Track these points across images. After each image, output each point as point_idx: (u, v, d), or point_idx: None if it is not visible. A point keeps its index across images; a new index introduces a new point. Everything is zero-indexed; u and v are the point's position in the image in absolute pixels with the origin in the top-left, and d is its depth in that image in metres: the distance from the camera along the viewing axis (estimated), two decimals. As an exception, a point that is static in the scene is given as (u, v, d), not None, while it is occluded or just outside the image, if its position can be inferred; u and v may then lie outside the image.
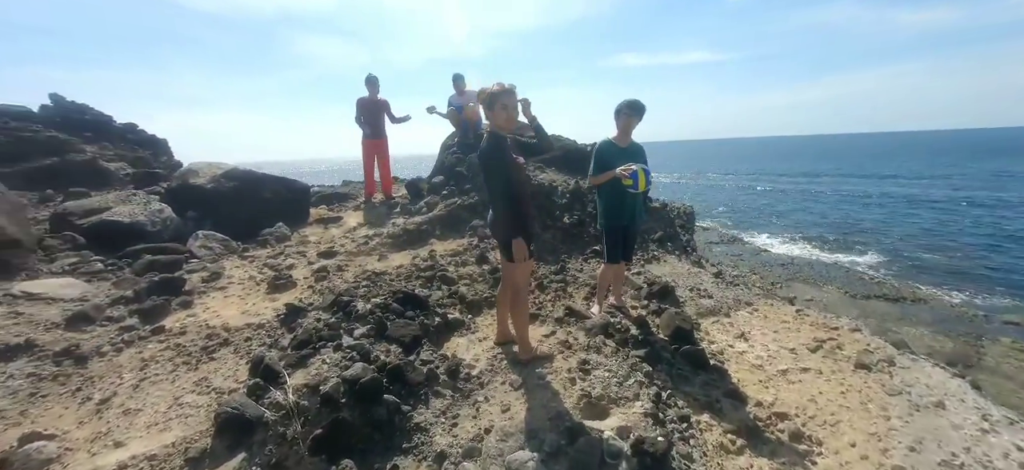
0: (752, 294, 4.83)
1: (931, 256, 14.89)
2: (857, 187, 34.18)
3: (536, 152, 6.19)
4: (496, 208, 2.68)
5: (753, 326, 3.96)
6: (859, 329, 3.64)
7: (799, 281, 12.22)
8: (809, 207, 25.46)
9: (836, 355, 3.34)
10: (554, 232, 5.52)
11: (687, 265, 5.49)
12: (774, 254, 15.25)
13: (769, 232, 18.99)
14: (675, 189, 35.42)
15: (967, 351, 8.16)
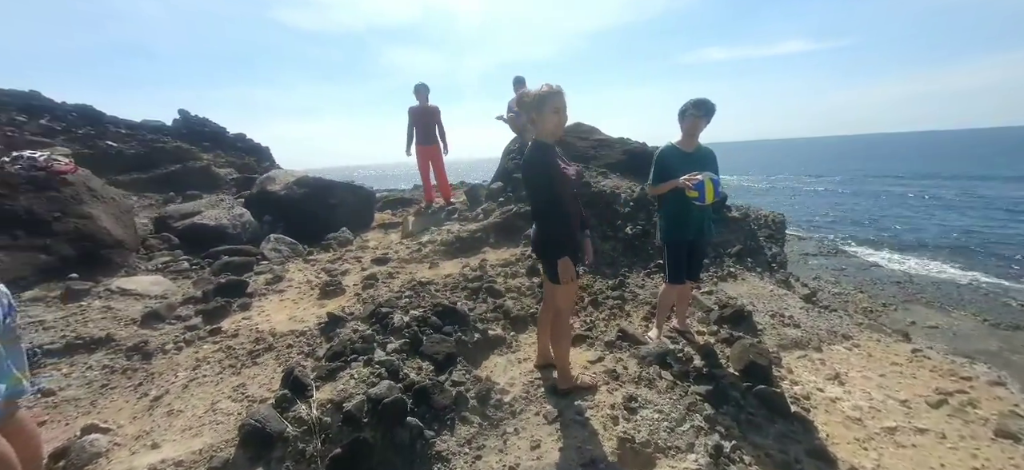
0: (853, 324, 4.05)
1: (1112, 280, 11.77)
2: (994, 190, 28.44)
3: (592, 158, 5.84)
4: (540, 223, 2.44)
5: (852, 366, 3.28)
6: (1003, 382, 2.83)
7: (919, 304, 10.32)
8: (932, 215, 21.61)
9: (967, 414, 2.62)
10: (614, 243, 5.13)
11: (771, 284, 4.78)
12: (886, 270, 13.10)
13: (880, 244, 16.40)
14: (763, 194, 32.23)
15: None
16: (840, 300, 10.53)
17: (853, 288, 11.48)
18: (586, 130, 7.09)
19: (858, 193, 30.44)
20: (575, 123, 7.30)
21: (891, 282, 11.94)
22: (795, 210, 24.69)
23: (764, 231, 7.07)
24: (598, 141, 6.80)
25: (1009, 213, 21.62)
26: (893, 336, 3.87)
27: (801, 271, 12.76)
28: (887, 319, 9.59)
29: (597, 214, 5.34)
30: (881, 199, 27.32)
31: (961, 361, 3.26)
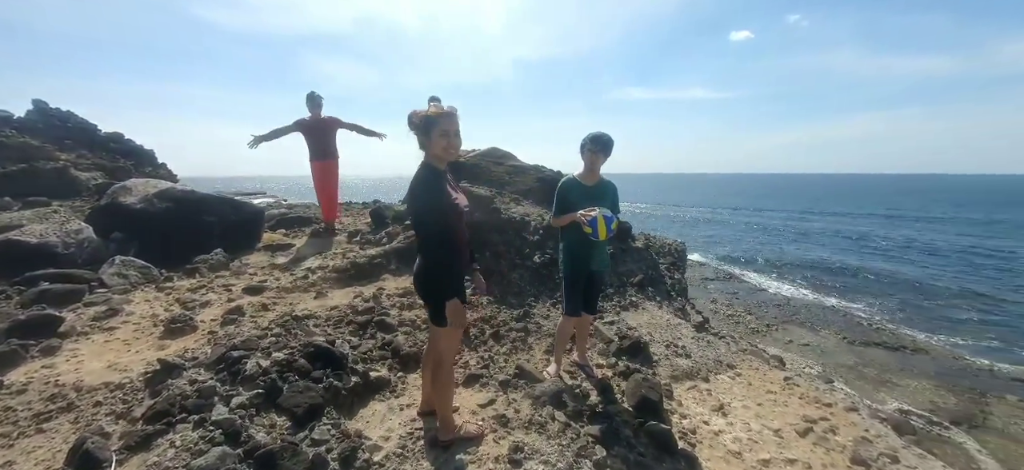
0: (738, 351, 4.27)
1: (932, 303, 14.33)
2: (857, 227, 33.88)
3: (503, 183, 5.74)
4: (426, 258, 2.15)
5: (734, 396, 3.40)
6: (856, 407, 3.08)
7: (795, 324, 11.65)
8: (808, 246, 25.03)
9: (829, 442, 2.78)
10: (522, 271, 5.00)
11: (668, 314, 4.95)
12: (770, 294, 14.71)
13: (767, 270, 18.50)
14: (674, 223, 35.11)
15: (971, 409, 7.56)
16: (732, 322, 11.52)
17: (743, 310, 12.67)
18: (501, 155, 7.01)
19: (749, 224, 34.40)
20: (490, 148, 7.21)
21: (773, 304, 13.38)
22: (697, 237, 27.13)
23: (667, 259, 7.46)
24: (513, 167, 6.74)
25: (863, 247, 25.68)
26: (770, 362, 4.14)
27: (701, 295, 13.83)
28: (771, 338, 10.64)
29: (506, 241, 5.20)
30: (768, 230, 31.09)
31: (824, 387, 3.54)
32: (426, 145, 2.11)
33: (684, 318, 5.06)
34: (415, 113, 2.11)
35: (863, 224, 35.69)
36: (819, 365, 9.06)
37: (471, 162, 6.70)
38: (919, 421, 7.05)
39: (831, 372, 8.70)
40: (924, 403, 7.67)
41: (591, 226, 2.85)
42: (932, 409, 7.48)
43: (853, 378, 8.59)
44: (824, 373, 8.46)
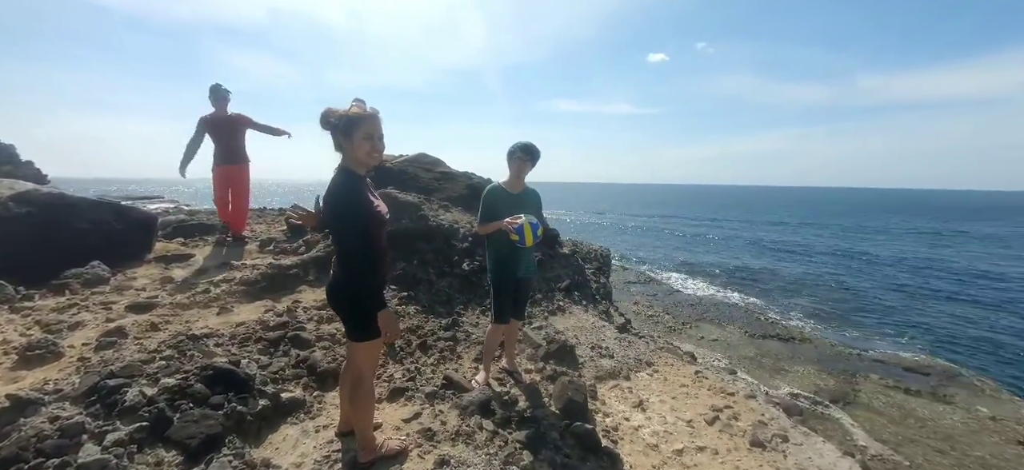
0: (656, 348, 4.56)
1: (814, 298, 16.48)
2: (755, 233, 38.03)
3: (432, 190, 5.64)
4: (346, 269, 1.99)
5: (652, 392, 3.61)
6: (754, 395, 3.43)
7: (706, 321, 12.74)
8: (716, 250, 27.63)
9: (732, 428, 3.05)
10: (451, 280, 4.93)
11: (593, 317, 5.15)
12: (685, 294, 15.97)
13: (682, 272, 20.08)
14: (601, 230, 36.87)
15: (845, 388, 8.75)
16: (652, 322, 12.30)
17: (661, 310, 13.61)
18: (430, 161, 6.89)
19: (668, 230, 37.18)
20: (418, 153, 7.05)
21: (688, 304, 14.53)
22: (622, 243, 28.77)
23: (593, 264, 7.80)
24: (442, 174, 6.65)
25: (761, 248, 28.85)
26: (683, 358, 4.46)
27: (624, 298, 14.63)
28: (685, 335, 11.51)
29: (434, 249, 5.10)
30: (683, 236, 33.82)
31: (729, 378, 3.90)
32: (346, 148, 1.98)
33: (608, 320, 5.31)
34: (332, 111, 1.97)
35: (760, 230, 40.19)
36: (726, 358, 9.98)
37: (398, 167, 6.51)
38: (806, 402, 8.03)
39: (736, 363, 9.62)
40: (809, 386, 8.75)
41: (518, 233, 2.89)
42: (816, 391, 8.56)
43: (754, 367, 9.57)
44: (730, 365, 9.33)
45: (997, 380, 9.70)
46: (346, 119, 1.94)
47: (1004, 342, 12.62)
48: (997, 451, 6.90)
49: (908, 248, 31.44)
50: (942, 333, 13.24)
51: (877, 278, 20.98)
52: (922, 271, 22.93)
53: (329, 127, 1.98)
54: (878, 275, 21.67)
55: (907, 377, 9.37)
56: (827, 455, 2.60)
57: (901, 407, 8.07)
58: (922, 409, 8.01)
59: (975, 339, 12.76)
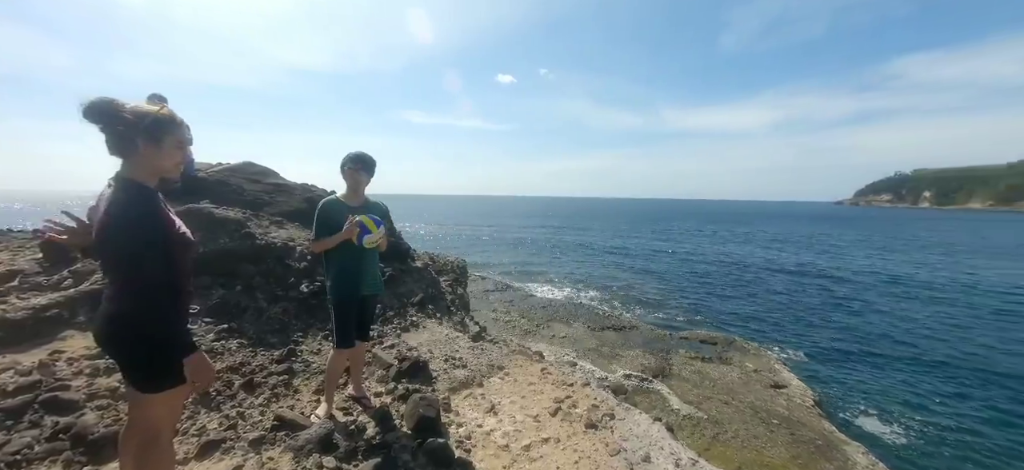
0: (509, 352, 4.77)
1: (639, 291, 19.54)
2: (595, 239, 43.37)
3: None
4: (135, 303, 1.52)
5: (504, 394, 3.75)
6: (589, 382, 3.86)
7: (556, 321, 13.96)
8: (564, 255, 30.60)
9: (571, 416, 3.35)
10: (286, 305, 4.36)
11: (448, 329, 5.14)
12: (539, 298, 17.24)
13: (536, 278, 21.66)
14: (458, 241, 37.39)
15: (663, 364, 10.52)
16: (509, 328, 12.93)
17: (518, 315, 14.41)
18: (258, 171, 6.02)
19: (523, 239, 39.73)
20: (244, 162, 6.11)
21: (540, 307, 15.69)
22: (480, 254, 29.69)
23: (449, 276, 7.83)
24: (274, 185, 5.87)
25: (600, 252, 32.92)
26: (533, 358, 4.77)
27: (483, 306, 15.08)
28: (539, 335, 12.38)
29: (264, 271, 4.45)
30: (536, 244, 36.54)
31: (569, 370, 4.31)
32: (148, 155, 1.55)
33: (463, 331, 5.37)
34: (127, 106, 1.53)
35: (596, 236, 46.05)
36: (573, 351, 11.06)
37: (216, 178, 5.53)
38: (635, 380, 9.40)
39: (581, 356, 10.74)
40: (638, 366, 10.28)
41: (360, 228, 2.75)
42: (642, 369, 10.09)
43: (596, 357, 10.82)
44: (575, 357, 10.38)
45: (757, 342, 12.86)
46: (155, 120, 1.53)
47: (761, 313, 16.83)
48: (760, 394, 9.08)
49: (702, 246, 39.67)
50: (725, 311, 17.00)
51: (682, 271, 25.88)
52: (712, 264, 29.14)
53: (120, 125, 1.53)
54: (682, 269, 26.76)
55: (703, 348, 11.74)
56: (642, 424, 3.08)
57: (700, 373, 10.06)
58: (713, 371, 10.12)
59: (745, 313, 16.73)
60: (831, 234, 55.70)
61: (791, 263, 29.42)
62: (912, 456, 7.54)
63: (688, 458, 2.70)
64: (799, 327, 14.92)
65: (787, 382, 9.59)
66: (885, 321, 15.77)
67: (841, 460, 6.74)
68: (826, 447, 7.06)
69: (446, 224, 55.20)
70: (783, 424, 7.72)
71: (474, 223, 59.09)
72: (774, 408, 8.34)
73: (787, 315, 16.40)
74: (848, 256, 33.90)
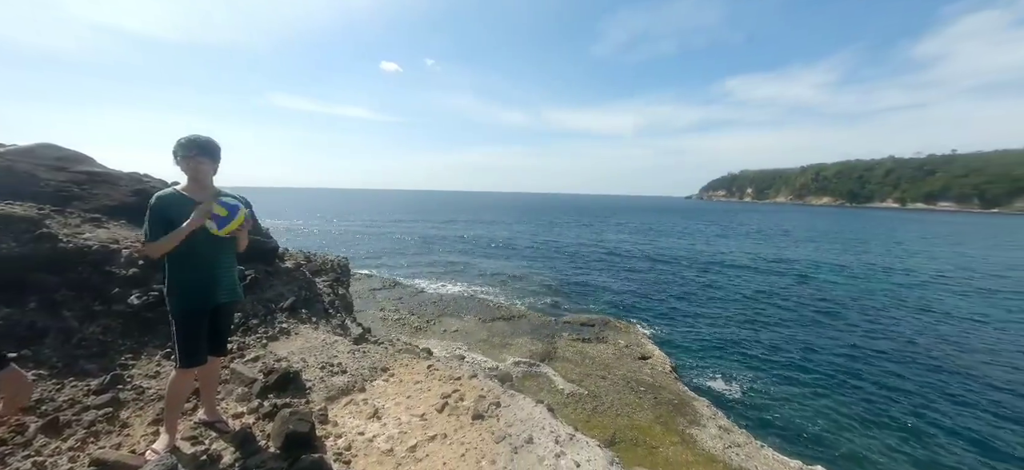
0: (393, 353, 4.57)
1: (526, 281, 20.45)
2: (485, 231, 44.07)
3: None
4: None
5: (388, 397, 3.58)
6: (476, 374, 3.89)
7: (448, 315, 13.88)
8: (454, 248, 30.50)
9: (458, 410, 3.35)
10: (109, 321, 3.54)
11: (326, 333, 4.72)
12: (429, 293, 16.92)
13: (425, 273, 21.20)
14: (341, 238, 34.77)
15: (548, 348, 11.18)
16: (398, 326, 12.47)
17: (408, 312, 13.98)
18: (63, 156, 4.75)
19: (412, 234, 38.52)
20: (41, 143, 4.79)
21: (431, 302, 15.44)
22: (366, 251, 28.03)
23: (328, 276, 7.21)
24: (88, 174, 4.69)
25: (495, 245, 33.46)
26: (420, 355, 4.65)
27: (369, 306, 14.30)
28: (430, 332, 12.17)
29: (74, 282, 3.55)
30: (425, 238, 35.74)
31: (457, 364, 4.29)
32: None
33: (344, 334, 4.99)
34: None
35: (487, 228, 46.91)
36: (464, 345, 11.13)
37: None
38: (523, 366, 9.82)
39: (471, 348, 10.86)
40: (526, 353, 10.76)
41: (215, 221, 2.36)
42: (530, 355, 10.59)
43: (487, 348, 11.04)
44: (466, 351, 10.46)
45: (627, 320, 14.43)
46: None
47: (631, 294, 18.90)
48: (630, 366, 10.18)
49: (581, 237, 42.97)
50: (601, 294, 18.70)
51: (564, 261, 27.73)
52: (589, 252, 31.73)
53: None
54: (564, 258, 28.67)
55: (583, 330, 12.77)
56: (526, 408, 3.21)
57: (581, 352, 10.93)
58: (591, 350, 11.08)
59: (617, 295, 18.61)
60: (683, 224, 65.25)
61: (652, 249, 33.67)
62: (743, 405, 9.23)
63: (566, 434, 2.90)
64: (660, 304, 17.16)
65: (651, 353, 10.96)
66: (723, 295, 19.00)
67: (692, 414, 7.92)
68: (681, 405, 8.24)
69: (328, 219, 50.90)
70: (649, 390, 8.80)
71: (360, 218, 55.53)
72: (641, 377, 9.46)
73: (651, 294, 18.73)
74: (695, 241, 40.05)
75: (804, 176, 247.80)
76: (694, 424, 7.60)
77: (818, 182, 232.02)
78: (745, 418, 8.48)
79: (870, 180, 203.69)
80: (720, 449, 6.83)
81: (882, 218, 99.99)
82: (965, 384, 10.09)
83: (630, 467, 5.64)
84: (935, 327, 14.57)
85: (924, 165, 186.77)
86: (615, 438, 7.05)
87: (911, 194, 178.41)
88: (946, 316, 16.02)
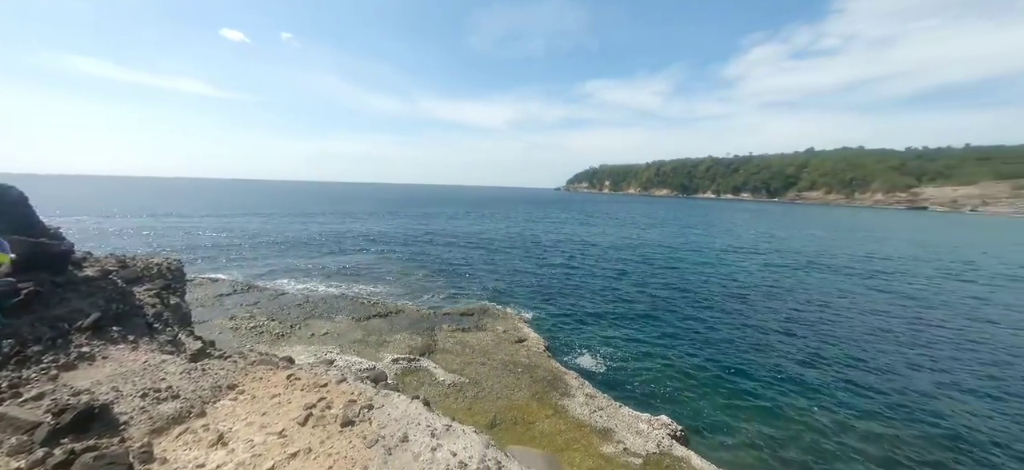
0: (243, 366, 3.96)
1: (402, 275, 19.77)
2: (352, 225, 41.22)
3: None
4: None
5: (237, 418, 3.10)
6: (346, 378, 3.61)
7: (316, 317, 12.63)
8: (316, 245, 27.82)
9: (325, 419, 3.07)
10: None
11: (149, 352, 3.87)
12: (291, 295, 15.15)
13: (287, 274, 18.91)
14: (173, 236, 28.99)
15: (428, 341, 11.02)
16: (254, 335, 10.96)
17: (266, 318, 12.36)
18: None
19: (265, 231, 33.94)
20: None
21: (295, 305, 13.89)
22: (209, 251, 23.85)
23: (153, 283, 5.91)
24: None
25: (363, 239, 31.39)
26: (279, 366, 4.13)
27: (216, 315, 12.27)
28: (295, 338, 10.96)
29: None
30: (281, 235, 31.84)
31: (323, 370, 3.93)
32: None
33: (176, 351, 4.17)
34: None
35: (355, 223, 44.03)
36: (336, 347, 10.29)
37: None
38: (402, 363, 9.50)
39: (344, 350, 10.11)
40: (406, 348, 10.42)
41: None
42: (410, 351, 10.29)
43: (362, 348, 10.37)
44: (338, 353, 9.70)
45: (504, 306, 15.00)
46: None
47: (507, 281, 19.66)
48: (508, 350, 10.60)
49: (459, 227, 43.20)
50: (480, 283, 19.06)
51: (444, 252, 27.58)
52: (468, 242, 32.09)
53: None
54: (444, 250, 28.52)
55: (463, 320, 12.88)
56: (400, 405, 3.08)
57: (461, 342, 11.01)
58: (471, 339, 11.25)
59: (495, 282, 19.19)
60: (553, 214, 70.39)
61: (527, 238, 35.61)
62: (606, 374, 10.36)
63: (442, 425, 2.87)
64: (535, 289, 18.23)
65: (527, 336, 11.59)
66: (589, 277, 21.04)
67: (563, 387, 8.62)
68: (554, 380, 8.90)
69: (158, 216, 41.84)
70: (525, 371, 9.30)
71: (203, 213, 46.94)
72: (519, 359, 9.95)
73: (526, 280, 19.78)
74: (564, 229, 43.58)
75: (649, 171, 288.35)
76: (565, 396, 8.27)
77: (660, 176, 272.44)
78: (607, 385, 9.54)
79: (696, 175, 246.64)
80: (587, 414, 7.56)
81: (705, 207, 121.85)
82: (767, 335, 12.92)
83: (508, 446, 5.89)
84: (747, 293, 18.28)
85: (731, 164, 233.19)
86: (495, 420, 7.29)
87: (723, 187, 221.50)
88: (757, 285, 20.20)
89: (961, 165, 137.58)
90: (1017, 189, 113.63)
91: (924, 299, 18.30)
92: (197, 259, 21.53)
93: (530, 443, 6.62)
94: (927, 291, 19.76)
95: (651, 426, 7.12)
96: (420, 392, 6.53)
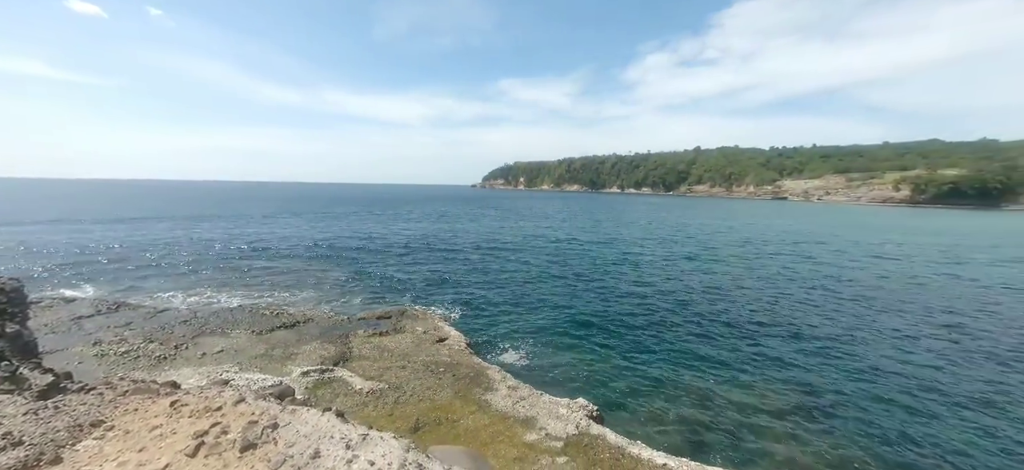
0: (112, 398, 3.37)
1: (309, 282, 18.35)
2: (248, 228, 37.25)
3: None
4: None
5: (106, 458, 2.64)
6: (244, 398, 3.25)
7: (206, 334, 11.20)
8: (206, 252, 24.65)
9: (221, 445, 2.74)
10: None
11: (-26, 393, 3.12)
12: (175, 311, 13.26)
13: (167, 287, 16.49)
14: (11, 251, 23.65)
15: (343, 350, 10.38)
16: (128, 360, 9.44)
17: (143, 340, 10.69)
18: None
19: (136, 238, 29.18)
20: None
21: (180, 322, 12.19)
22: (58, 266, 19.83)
23: (-23, 309, 4.75)
24: None
25: (259, 245, 28.43)
26: (160, 392, 3.59)
27: (74, 341, 10.33)
28: (182, 359, 9.63)
29: None
30: (161, 241, 27.66)
31: (215, 392, 3.48)
32: None
33: (15, 389, 3.42)
34: None
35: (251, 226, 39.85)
36: (233, 365, 9.23)
37: None
38: (313, 375, 8.82)
39: (244, 367, 9.11)
40: (317, 359, 9.69)
41: None
42: (322, 361, 9.59)
43: (266, 363, 9.43)
44: (236, 371, 8.72)
45: (423, 306, 14.68)
46: None
47: (424, 280, 19.25)
48: (429, 350, 10.38)
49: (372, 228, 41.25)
50: (395, 284, 18.40)
51: (355, 253, 26.11)
52: (380, 243, 30.77)
53: None
54: (355, 251, 26.99)
55: (380, 324, 12.33)
56: (310, 420, 2.86)
57: (379, 347, 10.53)
58: (390, 343, 10.83)
59: (411, 283, 18.67)
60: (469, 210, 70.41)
61: (444, 236, 35.19)
62: (527, 364, 10.64)
63: (358, 435, 2.71)
64: (455, 287, 18.08)
65: (448, 335, 11.46)
66: (507, 271, 21.41)
67: (486, 382, 8.67)
68: (477, 376, 8.92)
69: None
70: (447, 370, 9.18)
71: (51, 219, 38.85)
72: (440, 359, 9.80)
73: (446, 279, 19.53)
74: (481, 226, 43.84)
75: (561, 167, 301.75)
76: (488, 390, 8.34)
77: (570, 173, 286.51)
78: (528, 375, 9.80)
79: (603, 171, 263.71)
80: (510, 406, 7.71)
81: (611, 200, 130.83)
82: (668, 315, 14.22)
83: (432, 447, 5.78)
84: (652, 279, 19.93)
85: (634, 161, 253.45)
86: (419, 423, 7.11)
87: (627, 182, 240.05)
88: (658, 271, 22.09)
89: (810, 162, 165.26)
90: (850, 181, 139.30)
91: (798, 275, 21.52)
92: (43, 276, 17.98)
93: (455, 441, 6.57)
94: (799, 266, 23.31)
95: (570, 410, 7.48)
96: (334, 403, 6.12)
